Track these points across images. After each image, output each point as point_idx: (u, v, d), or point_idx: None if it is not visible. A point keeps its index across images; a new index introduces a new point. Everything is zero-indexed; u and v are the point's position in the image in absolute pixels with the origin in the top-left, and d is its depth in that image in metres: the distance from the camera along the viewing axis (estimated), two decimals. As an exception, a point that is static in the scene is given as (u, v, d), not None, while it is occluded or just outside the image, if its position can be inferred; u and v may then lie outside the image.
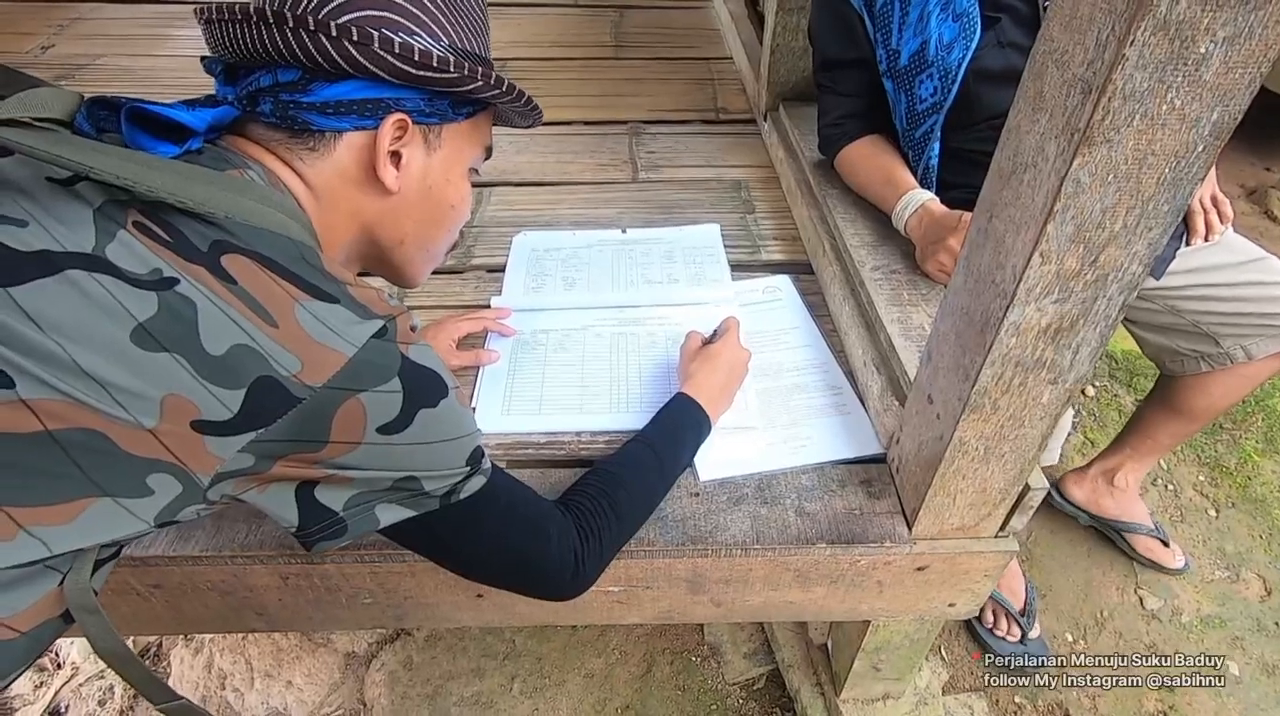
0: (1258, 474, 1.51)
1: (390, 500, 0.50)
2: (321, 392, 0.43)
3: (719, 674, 1.23)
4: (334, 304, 0.44)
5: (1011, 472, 0.66)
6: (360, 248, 0.59)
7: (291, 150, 0.52)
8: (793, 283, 1.06)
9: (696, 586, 0.77)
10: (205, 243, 0.43)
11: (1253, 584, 1.34)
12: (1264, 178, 2.41)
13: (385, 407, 0.45)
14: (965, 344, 0.59)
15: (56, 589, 0.42)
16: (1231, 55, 0.39)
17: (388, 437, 0.46)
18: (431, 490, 0.51)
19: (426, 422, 0.48)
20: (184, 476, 0.42)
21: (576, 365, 0.92)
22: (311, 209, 0.53)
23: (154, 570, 0.72)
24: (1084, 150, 0.43)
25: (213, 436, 0.41)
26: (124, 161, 0.42)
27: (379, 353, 0.45)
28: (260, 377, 0.41)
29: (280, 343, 0.42)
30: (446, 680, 1.22)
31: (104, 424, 0.39)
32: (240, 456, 0.43)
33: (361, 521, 0.50)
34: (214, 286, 0.41)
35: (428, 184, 0.58)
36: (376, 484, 0.49)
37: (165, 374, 0.40)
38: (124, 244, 0.41)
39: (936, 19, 0.90)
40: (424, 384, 0.47)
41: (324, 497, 0.49)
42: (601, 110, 1.53)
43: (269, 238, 0.45)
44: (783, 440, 0.82)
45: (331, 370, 0.43)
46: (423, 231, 0.60)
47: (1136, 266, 0.50)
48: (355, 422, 0.45)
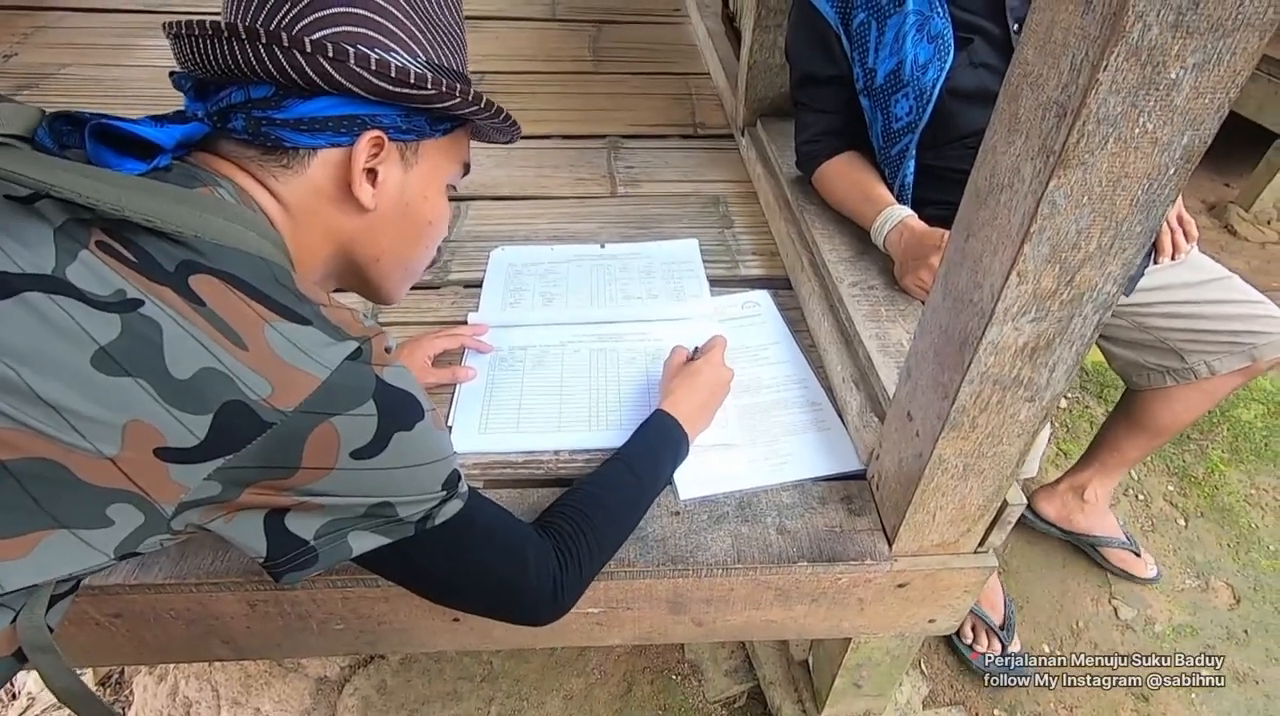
0: (1224, 483, 1.55)
1: (364, 527, 0.49)
2: (293, 417, 0.41)
3: (700, 692, 1.21)
4: (306, 325, 0.43)
5: (990, 489, 0.66)
6: (336, 265, 0.58)
7: (264, 167, 0.51)
8: (771, 298, 1.06)
9: (677, 606, 0.76)
10: (172, 263, 0.41)
11: (1222, 592, 1.36)
12: (1224, 193, 2.48)
13: (359, 431, 0.44)
14: (944, 362, 0.59)
15: (9, 627, 0.40)
16: (1201, 81, 0.40)
17: (361, 462, 0.45)
18: (406, 516, 0.49)
19: (402, 446, 0.46)
20: (146, 506, 0.41)
21: (555, 382, 0.91)
22: (285, 227, 0.51)
23: (114, 599, 0.69)
24: (1060, 172, 0.44)
25: (177, 463, 0.40)
26: (87, 178, 0.40)
27: (353, 375, 0.43)
28: (228, 402, 0.40)
29: (250, 366, 0.40)
30: (422, 704, 1.19)
31: (61, 453, 0.38)
32: (206, 484, 0.41)
33: (333, 551, 0.48)
34: (181, 308, 0.40)
35: (405, 201, 0.56)
36: (349, 511, 0.47)
37: (127, 399, 0.38)
38: (86, 264, 0.39)
39: (912, 40, 0.92)
40: (399, 406, 0.46)
41: (294, 526, 0.47)
42: (580, 124, 1.53)
43: (240, 257, 0.44)
44: (763, 457, 0.82)
45: (304, 393, 0.41)
46: (400, 248, 0.59)
47: (1111, 286, 0.51)
48: (328, 448, 0.43)
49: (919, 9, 0.92)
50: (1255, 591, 1.35)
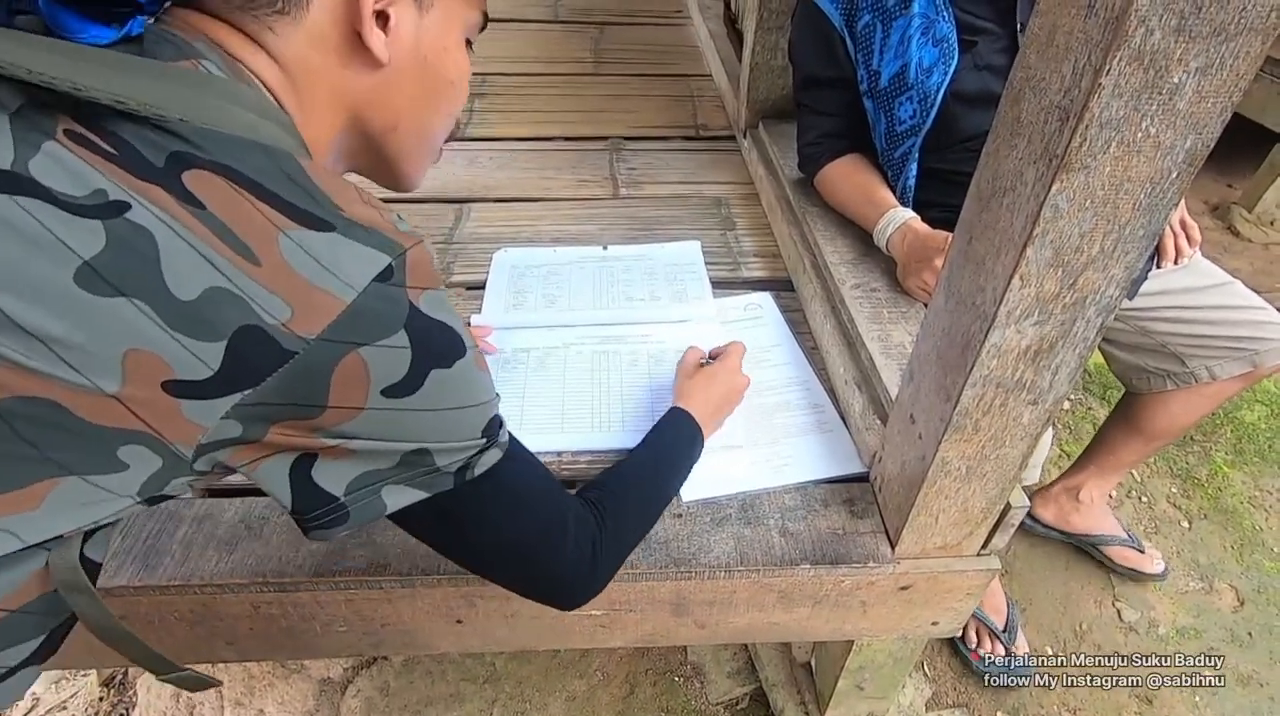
0: (1228, 485, 1.54)
1: (399, 480, 0.43)
2: (316, 345, 0.36)
3: (703, 694, 1.21)
4: (327, 232, 0.36)
5: (993, 492, 0.66)
6: (346, 141, 0.49)
7: (257, 19, 0.42)
8: (774, 300, 1.06)
9: (680, 608, 0.76)
10: (160, 155, 0.34)
11: (1226, 595, 1.36)
12: (1227, 194, 2.48)
13: (391, 366, 0.38)
14: (947, 365, 0.59)
15: (41, 568, 0.37)
16: (1204, 85, 0.40)
17: (394, 402, 0.39)
18: (444, 466, 0.44)
19: (440, 385, 0.41)
20: (161, 448, 0.36)
21: (557, 384, 0.91)
22: (288, 98, 0.43)
23: (119, 600, 0.70)
24: (1062, 176, 0.44)
25: (190, 399, 0.34)
26: (44, 52, 0.33)
27: (382, 298, 0.37)
28: (243, 327, 0.34)
29: (264, 284, 0.34)
30: (425, 705, 1.19)
31: (55, 390, 0.32)
32: (225, 423, 0.36)
33: (366, 507, 0.43)
34: (175, 212, 0.33)
35: (422, 53, 0.48)
36: (383, 459, 0.42)
37: (123, 324, 0.32)
38: (52, 157, 0.32)
39: (917, 43, 0.92)
40: (436, 339, 0.40)
41: (322, 480, 0.42)
42: (582, 126, 1.53)
43: (240, 146, 0.36)
44: (765, 459, 0.82)
45: (327, 318, 0.36)
46: (419, 112, 0.51)
47: (1114, 289, 0.51)
48: (357, 383, 0.38)
49: (924, 12, 0.92)
50: (1259, 593, 1.35)
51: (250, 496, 0.77)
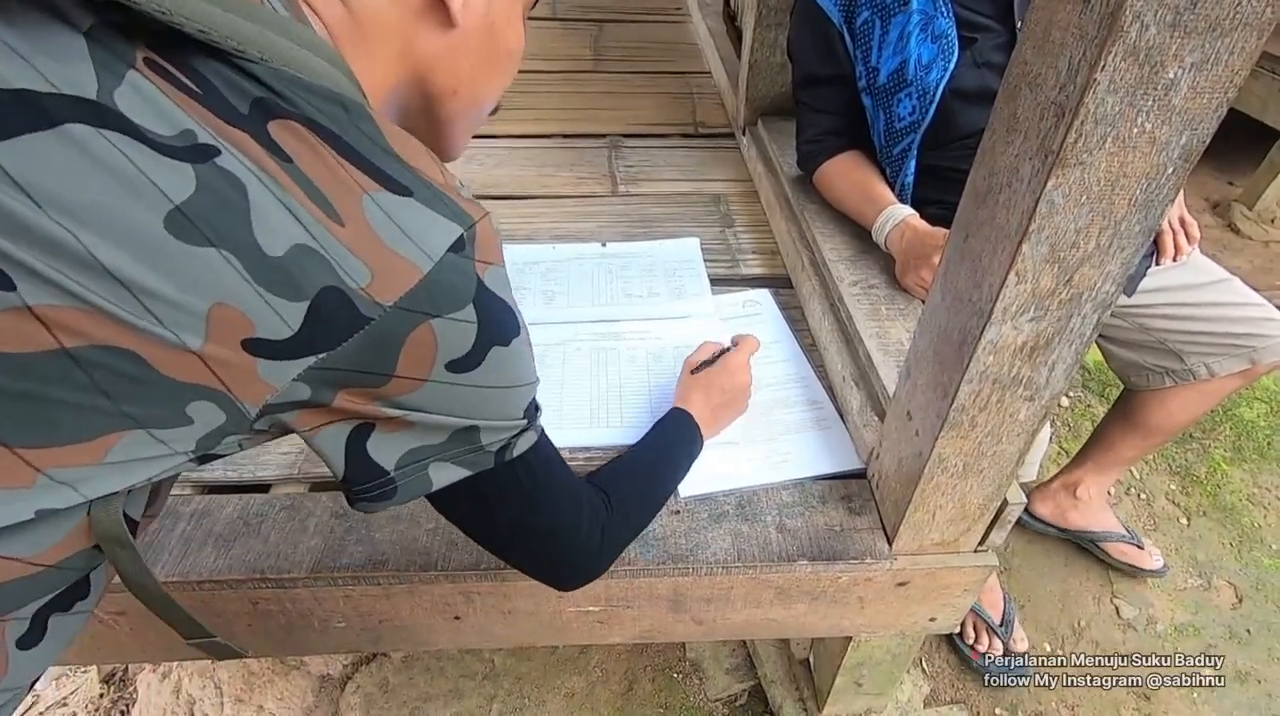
0: (1227, 482, 1.54)
1: (446, 457, 0.43)
2: (392, 313, 0.35)
3: (701, 690, 1.21)
4: (406, 197, 0.35)
5: (990, 488, 0.66)
6: (400, 99, 0.46)
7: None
8: (772, 297, 1.06)
9: (678, 605, 0.76)
10: (245, 100, 0.32)
11: (1224, 591, 1.36)
12: (1227, 192, 2.47)
13: (458, 340, 0.38)
14: (943, 361, 0.59)
15: (84, 520, 0.36)
16: (1199, 81, 0.40)
17: (456, 377, 0.39)
18: (487, 444, 0.44)
19: (499, 363, 0.40)
20: (229, 405, 0.34)
21: (556, 380, 0.91)
22: (347, 44, 0.40)
23: (119, 597, 0.70)
24: (1058, 172, 0.44)
25: (267, 359, 0.33)
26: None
27: (455, 271, 0.36)
28: (326, 288, 0.33)
29: (348, 245, 0.33)
30: (424, 702, 1.20)
31: (136, 341, 0.31)
32: (296, 386, 0.35)
33: (414, 483, 0.43)
34: (265, 163, 0.32)
35: (490, 19, 0.46)
36: (435, 433, 0.42)
37: (212, 276, 0.31)
38: (137, 90, 0.30)
39: (916, 39, 0.91)
40: (499, 316, 0.40)
41: (376, 453, 0.41)
42: (581, 123, 1.53)
43: (318, 96, 0.34)
44: (763, 455, 0.82)
45: (405, 286, 0.35)
46: (479, 79, 0.49)
47: (1110, 285, 0.51)
48: (425, 354, 0.37)
49: (923, 8, 0.91)
50: (1257, 590, 1.35)
51: (249, 493, 0.77)
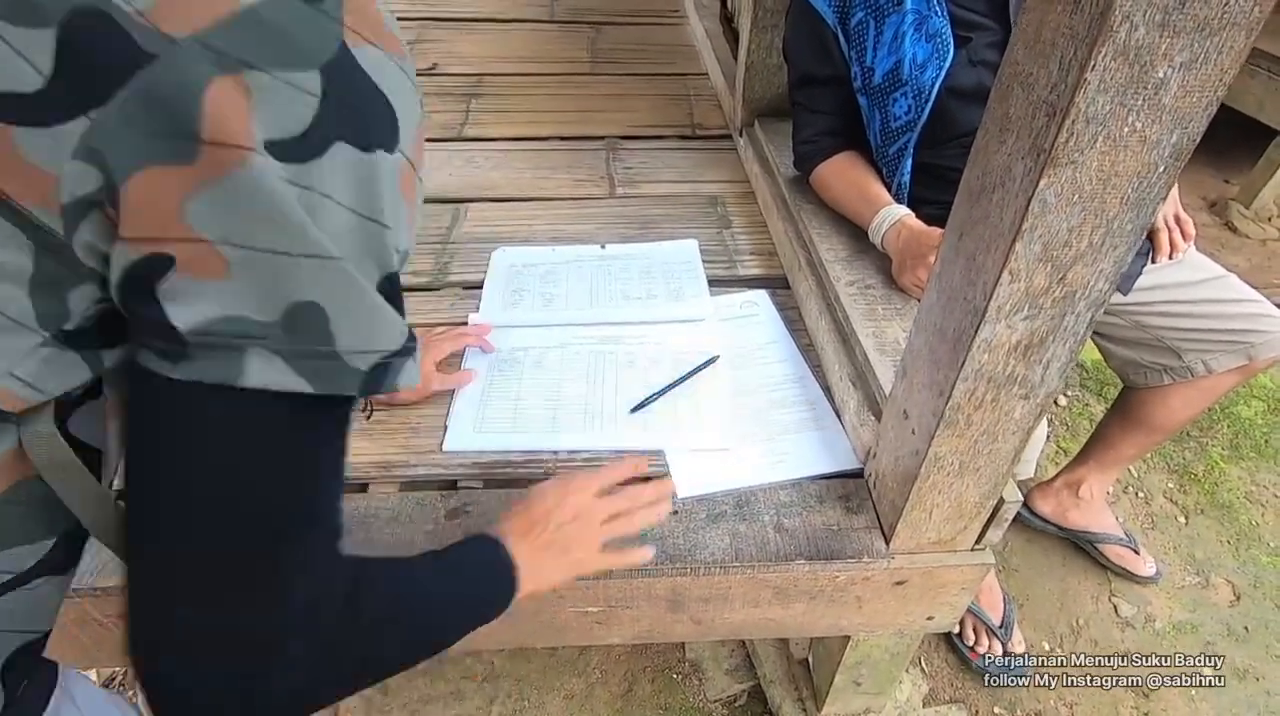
0: (1224, 480, 1.55)
1: (273, 347, 0.29)
2: (185, 50, 0.26)
3: (701, 691, 1.22)
4: None
5: (986, 486, 0.67)
6: None
7: None
8: (770, 297, 1.06)
9: (676, 605, 0.76)
10: None
11: (1222, 589, 1.36)
12: (1224, 190, 2.48)
13: (284, 109, 0.27)
14: (939, 360, 0.59)
15: (15, 448, 0.30)
16: (1189, 80, 0.41)
17: (284, 166, 0.27)
18: (346, 350, 0.30)
19: (344, 167, 0.28)
20: (20, 221, 0.26)
21: (554, 383, 0.91)
22: None
23: (117, 599, 0.70)
24: (1050, 171, 0.44)
25: (22, 126, 0.25)
26: None
27: (300, 19, 0.27)
28: (81, 8, 0.25)
29: None
30: (424, 703, 1.20)
31: None
32: (78, 169, 0.26)
33: (214, 364, 0.29)
34: None
35: None
36: (259, 297, 0.28)
37: None
38: None
39: (910, 39, 0.92)
40: (361, 106, 0.29)
41: (168, 301, 0.28)
42: (578, 126, 1.53)
43: None
44: (760, 455, 0.82)
45: (210, 15, 0.26)
46: None
47: (1103, 283, 0.51)
48: (234, 115, 0.26)
49: (917, 8, 0.92)
50: (1255, 588, 1.35)
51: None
